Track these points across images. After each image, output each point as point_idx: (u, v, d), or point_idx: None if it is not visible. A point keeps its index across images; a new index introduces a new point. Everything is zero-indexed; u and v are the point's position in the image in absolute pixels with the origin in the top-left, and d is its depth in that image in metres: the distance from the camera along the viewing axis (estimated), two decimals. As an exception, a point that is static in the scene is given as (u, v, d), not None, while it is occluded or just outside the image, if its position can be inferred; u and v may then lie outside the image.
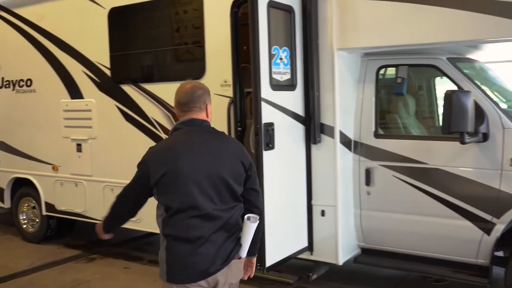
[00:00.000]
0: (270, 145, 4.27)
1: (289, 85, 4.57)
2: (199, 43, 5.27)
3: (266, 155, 4.24)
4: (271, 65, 4.29)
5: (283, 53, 4.47)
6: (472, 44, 4.74)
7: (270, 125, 4.26)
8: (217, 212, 2.73)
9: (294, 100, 4.61)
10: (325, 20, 4.55)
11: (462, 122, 3.90)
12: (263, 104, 4.20)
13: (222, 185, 2.75)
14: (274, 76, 4.34)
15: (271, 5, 4.23)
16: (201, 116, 2.89)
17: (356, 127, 4.80)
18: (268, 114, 4.26)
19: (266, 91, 4.22)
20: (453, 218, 4.39)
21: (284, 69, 4.48)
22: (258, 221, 2.81)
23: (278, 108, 4.41)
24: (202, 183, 2.71)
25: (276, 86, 4.36)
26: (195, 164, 2.74)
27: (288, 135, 4.55)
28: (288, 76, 4.54)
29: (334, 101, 4.58)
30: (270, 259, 4.34)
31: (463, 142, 4.01)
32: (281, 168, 4.49)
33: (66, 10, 6.36)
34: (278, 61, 4.40)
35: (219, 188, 2.74)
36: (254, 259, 3.05)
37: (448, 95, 3.94)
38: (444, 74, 4.45)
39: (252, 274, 3.09)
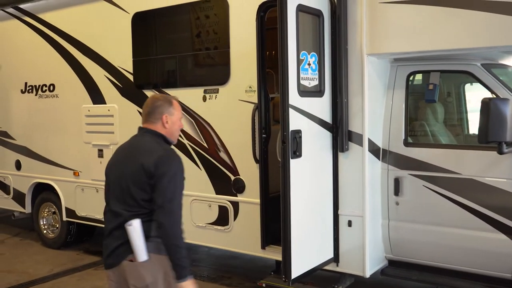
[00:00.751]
0: (297, 153, 4.16)
1: (317, 91, 4.45)
2: (224, 48, 5.18)
3: (293, 163, 4.12)
4: (299, 71, 4.19)
5: (311, 58, 4.36)
6: (509, 50, 4.56)
7: (297, 133, 4.16)
8: (121, 211, 3.03)
9: (321, 106, 4.49)
10: (355, 24, 4.42)
11: (500, 131, 3.73)
12: (291, 110, 4.10)
13: (125, 187, 3.04)
14: (302, 82, 4.23)
15: (300, 9, 4.12)
16: (154, 127, 3.14)
17: (385, 135, 4.65)
18: (295, 121, 4.14)
19: (294, 97, 4.12)
20: (487, 230, 4.21)
21: (312, 74, 4.36)
22: (131, 226, 2.94)
23: (306, 115, 4.30)
24: (112, 183, 3.15)
25: (304, 92, 4.25)
26: (112, 166, 3.22)
27: (315, 142, 4.43)
28: (316, 82, 4.42)
29: (363, 108, 4.44)
30: (296, 271, 4.21)
31: (501, 152, 3.85)
32: (308, 177, 4.37)
33: (90, 15, 6.35)
34: (306, 66, 4.29)
35: (123, 189, 3.05)
36: (182, 284, 2.96)
37: (486, 103, 3.78)
38: (478, 80, 4.29)
39: None
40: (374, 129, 4.58)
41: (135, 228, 2.95)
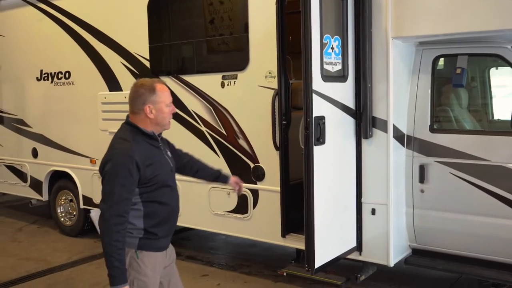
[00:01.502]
0: (320, 140, 4.06)
1: (340, 76, 4.33)
2: (243, 33, 5.07)
3: (317, 150, 4.02)
4: (323, 55, 4.06)
5: (335, 42, 4.22)
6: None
7: (321, 119, 4.05)
8: None
9: (344, 92, 4.36)
10: (380, 6, 4.27)
11: (535, 116, 3.59)
12: (314, 96, 3.98)
13: None
14: (325, 66, 4.11)
15: None
16: (137, 117, 3.03)
17: (409, 121, 4.52)
18: (319, 107, 4.03)
19: (317, 82, 4.00)
20: (517, 219, 4.09)
21: (335, 59, 4.24)
22: (91, 215, 3.16)
23: (329, 100, 4.19)
24: None
25: (327, 77, 4.14)
26: None
27: (338, 129, 4.32)
28: (339, 67, 4.30)
29: (388, 93, 4.31)
30: (319, 260, 4.12)
31: (536, 138, 3.71)
32: (332, 165, 4.27)
33: (106, 0, 6.25)
34: (330, 50, 4.16)
35: None
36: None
37: (520, 87, 3.63)
38: (509, 64, 4.12)
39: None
40: (398, 115, 4.45)
41: (92, 217, 3.00)
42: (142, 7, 5.83)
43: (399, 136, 4.48)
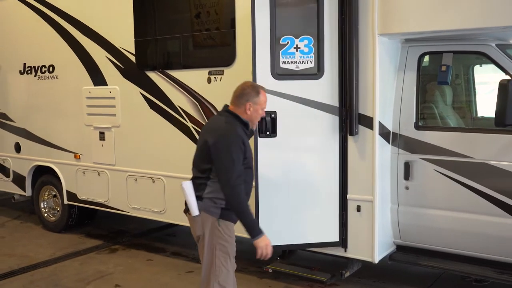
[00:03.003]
0: (268, 133, 4.41)
1: (311, 74, 4.47)
2: (229, 28, 5.04)
3: (265, 142, 4.39)
4: (276, 55, 4.40)
5: (302, 42, 4.44)
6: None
7: (271, 114, 4.39)
8: (194, 174, 3.71)
9: (318, 89, 4.47)
10: (366, 3, 4.27)
11: (519, 114, 3.62)
12: None
13: (195, 157, 3.71)
14: (283, 66, 4.43)
15: None
16: (237, 110, 3.62)
17: (395, 118, 4.54)
18: (268, 103, 4.06)
19: (265, 80, 4.35)
20: (499, 215, 4.13)
21: (303, 58, 4.44)
22: (182, 186, 3.60)
23: (285, 96, 4.46)
24: (196, 151, 3.73)
25: (286, 75, 4.45)
26: (199, 137, 3.85)
27: (301, 124, 4.48)
28: (309, 65, 4.45)
29: (374, 90, 4.32)
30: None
31: (519, 136, 3.74)
32: (288, 157, 4.51)
33: (90, -7, 6.18)
34: (292, 50, 4.43)
35: (195, 158, 3.71)
36: (255, 241, 3.52)
37: (504, 85, 3.66)
38: (493, 61, 4.16)
39: (260, 256, 3.58)
40: (384, 112, 4.47)
41: (184, 188, 3.60)
42: (127, 1, 5.77)
43: (384, 133, 4.50)
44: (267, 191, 4.26)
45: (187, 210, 3.73)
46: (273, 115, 4.41)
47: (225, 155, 3.45)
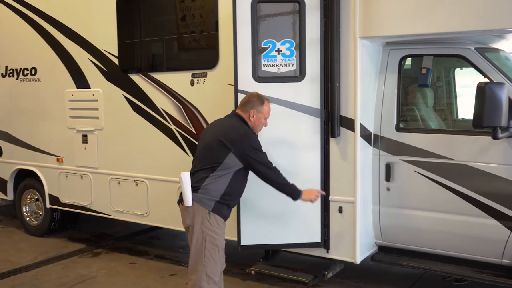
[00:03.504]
0: None
1: (292, 77, 4.52)
2: (212, 31, 5.06)
3: None
4: (258, 58, 4.46)
5: (283, 45, 4.49)
6: (503, 33, 4.52)
7: None
8: (195, 166, 3.99)
9: (299, 91, 4.52)
10: (347, 7, 4.33)
11: (495, 116, 3.69)
12: (239, 95, 4.47)
13: (201, 151, 4.03)
14: (265, 68, 4.50)
15: (260, 1, 4.42)
16: (244, 115, 4.00)
17: (376, 120, 4.59)
18: None
19: (246, 83, 4.49)
20: (479, 216, 4.20)
21: (285, 61, 4.50)
22: (180, 176, 3.80)
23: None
24: (199, 146, 4.11)
25: (268, 78, 4.51)
26: (204, 134, 4.17)
27: (283, 126, 4.53)
28: (290, 68, 4.50)
29: (356, 93, 4.36)
30: (246, 240, 4.63)
31: (496, 138, 3.81)
32: (268, 158, 4.38)
33: (73, -4, 6.16)
34: (273, 53, 4.50)
35: (200, 152, 4.05)
36: (303, 198, 4.03)
37: (481, 87, 3.72)
38: (472, 65, 4.23)
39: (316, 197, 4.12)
40: (366, 114, 4.52)
41: (182, 178, 3.78)
42: (111, 3, 5.77)
43: (366, 135, 4.54)
44: (250, 192, 4.28)
45: (180, 201, 3.90)
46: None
47: (256, 152, 3.83)
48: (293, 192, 3.97)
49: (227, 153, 3.80)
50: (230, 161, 3.82)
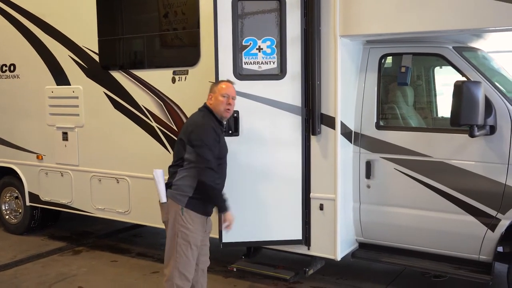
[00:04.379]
0: (230, 132, 4.50)
1: (273, 74, 4.53)
2: (193, 28, 5.04)
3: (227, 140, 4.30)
4: (239, 56, 4.47)
5: (264, 43, 4.50)
6: (480, 33, 4.58)
7: (233, 113, 4.40)
8: (171, 164, 4.03)
9: (280, 89, 4.54)
10: (328, 6, 4.35)
11: (472, 115, 3.74)
12: None
13: (175, 145, 4.04)
14: (246, 66, 4.50)
15: None
16: (207, 102, 4.03)
17: (357, 118, 4.63)
18: None
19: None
20: (457, 213, 4.26)
21: (266, 58, 4.51)
22: (154, 173, 3.88)
23: (247, 96, 4.50)
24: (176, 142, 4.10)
25: (249, 76, 4.51)
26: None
27: (264, 124, 4.55)
28: (271, 66, 4.52)
29: (336, 91, 4.39)
30: (227, 237, 4.62)
31: (472, 135, 3.86)
32: (249, 155, 4.56)
33: (53, -9, 6.08)
34: (255, 51, 4.50)
35: (175, 146, 4.03)
36: (226, 214, 3.95)
37: (458, 86, 3.77)
38: (450, 63, 4.29)
39: (228, 224, 3.99)
40: (346, 112, 4.55)
41: (154, 175, 3.87)
42: (91, -1, 5.72)
43: (346, 132, 4.58)
44: (231, 189, 4.28)
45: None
46: (235, 115, 4.46)
47: (201, 143, 3.74)
48: (222, 204, 3.91)
49: (185, 147, 3.84)
50: (190, 156, 3.82)
